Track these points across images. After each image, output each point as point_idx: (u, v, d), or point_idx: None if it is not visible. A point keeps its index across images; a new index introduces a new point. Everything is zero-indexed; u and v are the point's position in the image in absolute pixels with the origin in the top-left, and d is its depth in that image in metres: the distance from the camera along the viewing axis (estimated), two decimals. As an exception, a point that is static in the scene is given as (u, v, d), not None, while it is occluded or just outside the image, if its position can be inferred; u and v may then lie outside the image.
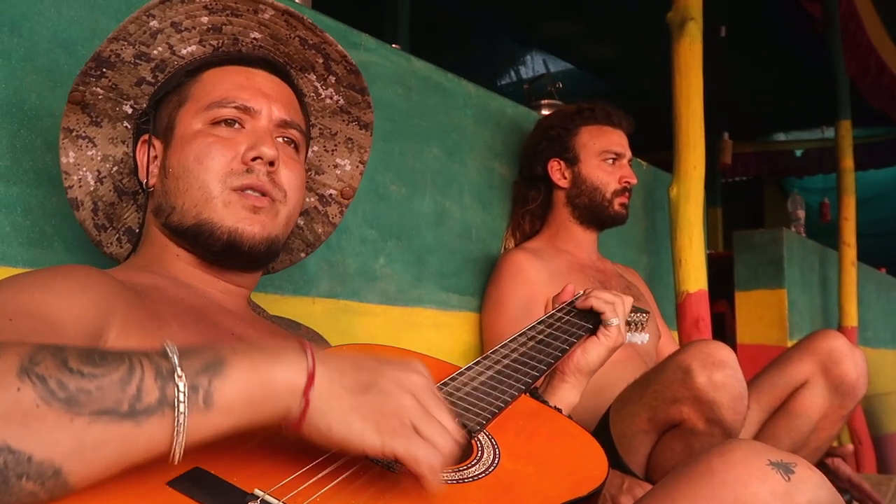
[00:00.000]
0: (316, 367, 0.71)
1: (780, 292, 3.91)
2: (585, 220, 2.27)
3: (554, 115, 2.40)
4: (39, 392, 0.61)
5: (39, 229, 1.33)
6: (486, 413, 0.94)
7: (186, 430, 0.65)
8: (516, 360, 1.10)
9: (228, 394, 0.67)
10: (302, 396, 0.69)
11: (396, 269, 2.02)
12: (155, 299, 1.03)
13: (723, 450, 0.93)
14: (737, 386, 1.57)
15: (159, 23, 1.12)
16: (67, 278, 0.94)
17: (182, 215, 1.10)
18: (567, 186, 2.27)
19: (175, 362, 0.66)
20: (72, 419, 0.61)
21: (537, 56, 6.52)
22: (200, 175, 1.08)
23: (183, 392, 0.65)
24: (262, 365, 0.69)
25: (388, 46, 2.09)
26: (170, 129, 1.13)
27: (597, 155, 2.25)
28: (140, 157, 1.16)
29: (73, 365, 0.63)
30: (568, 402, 1.24)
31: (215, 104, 1.11)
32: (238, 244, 1.08)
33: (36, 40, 1.34)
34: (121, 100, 1.16)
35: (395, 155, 2.05)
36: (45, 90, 1.34)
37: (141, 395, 0.64)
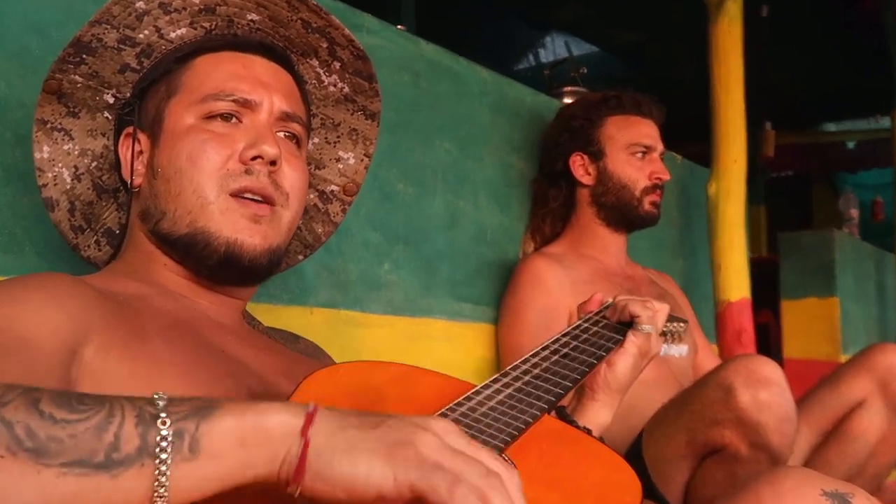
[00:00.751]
0: (318, 409, 0.68)
1: (831, 301, 3.90)
2: (612, 221, 2.26)
3: (576, 103, 2.39)
4: (4, 440, 0.60)
5: (9, 232, 1.33)
6: (505, 435, 0.94)
7: (169, 482, 0.62)
8: (538, 376, 1.10)
9: (217, 436, 0.64)
10: (300, 436, 0.65)
11: (403, 276, 2.03)
12: (139, 311, 1.02)
13: (771, 478, 0.92)
14: (784, 406, 1.57)
15: (146, 3, 1.11)
16: (40, 289, 0.93)
17: (173, 223, 1.08)
18: (591, 183, 2.25)
19: (160, 406, 0.64)
20: (39, 471, 0.60)
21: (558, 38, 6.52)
22: (194, 177, 1.07)
23: (166, 439, 0.63)
24: (258, 407, 0.67)
25: (394, 28, 2.10)
26: (158, 122, 1.13)
27: (624, 148, 2.23)
28: (123, 153, 1.15)
29: (44, 408, 0.62)
30: (599, 423, 1.23)
31: (210, 97, 1.10)
32: (237, 257, 1.07)
33: (5, 23, 1.34)
34: (102, 88, 1.16)
35: (402, 149, 2.06)
36: (14, 78, 1.35)
37: (119, 444, 0.62)
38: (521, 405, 1.01)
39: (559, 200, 2.32)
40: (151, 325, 1.01)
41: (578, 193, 2.29)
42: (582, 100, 2.39)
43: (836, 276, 3.92)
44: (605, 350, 1.21)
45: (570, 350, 1.19)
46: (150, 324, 1.01)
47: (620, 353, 1.23)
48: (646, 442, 1.74)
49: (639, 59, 6.37)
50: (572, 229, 2.31)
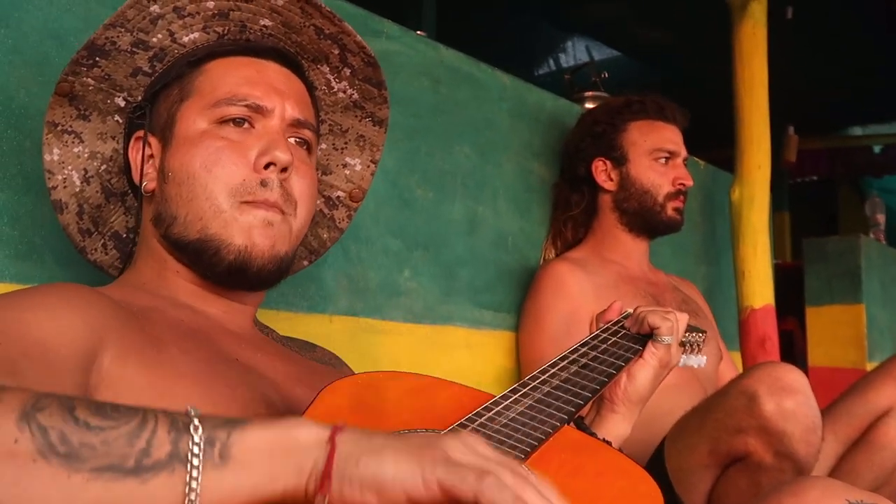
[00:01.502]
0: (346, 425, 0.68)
1: (857, 308, 3.87)
2: (635, 226, 2.26)
3: (598, 108, 2.38)
4: (38, 444, 0.61)
5: (28, 240, 1.34)
6: (525, 446, 0.93)
7: (200, 489, 0.63)
8: (558, 386, 1.09)
9: (248, 446, 0.65)
10: (327, 443, 0.66)
11: (423, 283, 2.03)
12: (154, 322, 1.03)
13: (795, 489, 0.92)
14: (809, 415, 1.56)
15: (160, 7, 1.12)
16: (59, 297, 0.94)
17: (184, 227, 1.10)
18: (613, 189, 2.26)
19: (192, 414, 0.65)
20: (69, 476, 0.61)
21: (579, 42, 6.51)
22: (209, 184, 1.08)
23: (198, 444, 0.63)
24: (287, 422, 0.68)
25: (414, 34, 2.10)
26: (169, 126, 1.13)
27: (648, 154, 2.24)
28: (133, 156, 1.16)
29: (79, 415, 0.63)
30: (618, 434, 1.23)
31: (223, 101, 1.11)
32: (247, 264, 1.08)
33: (25, 31, 1.36)
34: (113, 91, 1.16)
35: (422, 155, 2.06)
36: (34, 86, 1.36)
37: (150, 450, 0.63)
38: (540, 416, 1.00)
39: (581, 206, 2.32)
40: (166, 334, 1.02)
41: (601, 199, 2.29)
42: (604, 105, 2.39)
43: (862, 283, 3.89)
44: (623, 360, 1.21)
45: (590, 360, 1.18)
46: (165, 333, 1.02)
47: (640, 365, 1.23)
48: (668, 451, 1.73)
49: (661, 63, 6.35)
50: (594, 234, 2.31)
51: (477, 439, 0.69)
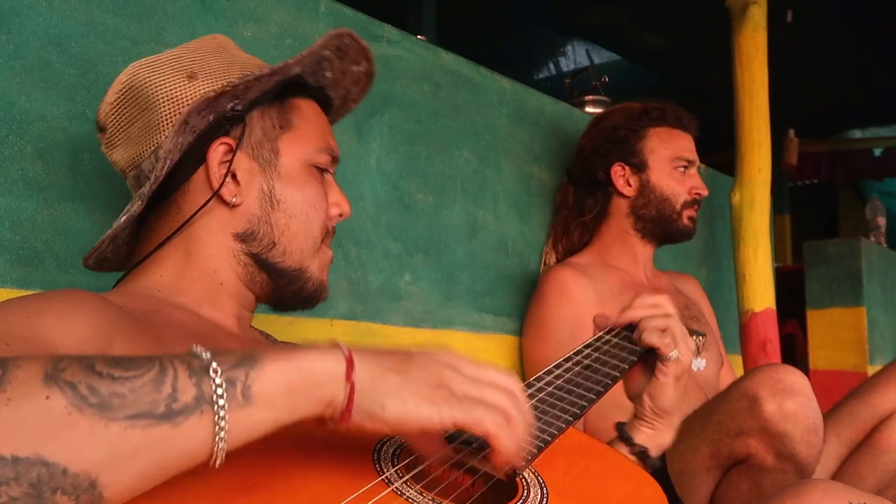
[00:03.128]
0: (353, 353, 0.75)
1: (858, 311, 3.87)
2: (648, 233, 2.26)
3: (617, 113, 2.35)
4: (70, 398, 0.63)
5: (29, 246, 1.34)
6: (532, 447, 0.94)
7: (227, 426, 0.67)
8: (562, 388, 1.10)
9: (268, 384, 0.70)
10: (346, 381, 0.73)
11: (423, 287, 2.03)
12: (158, 324, 1.04)
13: (797, 491, 0.92)
14: (811, 416, 1.56)
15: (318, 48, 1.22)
16: (66, 302, 0.95)
17: (283, 255, 1.18)
18: (632, 195, 2.25)
19: (207, 357, 0.69)
20: (106, 425, 0.63)
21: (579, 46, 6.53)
22: (314, 223, 1.20)
23: (220, 386, 0.67)
24: (298, 356, 0.73)
25: (414, 38, 2.10)
26: (270, 152, 1.17)
27: (668, 162, 2.24)
28: (214, 159, 1.14)
29: (101, 369, 0.65)
30: (660, 443, 1.27)
31: (324, 148, 1.21)
32: (319, 296, 1.23)
33: (26, 37, 1.36)
34: (238, 98, 1.15)
35: (422, 159, 2.06)
36: (35, 91, 1.36)
37: (176, 395, 0.66)
38: (546, 417, 1.01)
39: (595, 210, 2.31)
40: (171, 335, 1.04)
41: (614, 204, 2.28)
42: (623, 109, 2.35)
43: (862, 286, 3.89)
44: (627, 363, 1.21)
45: (593, 362, 1.19)
46: (169, 334, 1.04)
47: (658, 387, 1.24)
48: (670, 454, 1.73)
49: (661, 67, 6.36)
50: (602, 239, 2.30)
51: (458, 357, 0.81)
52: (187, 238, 1.16)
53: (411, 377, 0.76)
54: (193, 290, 1.15)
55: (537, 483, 0.89)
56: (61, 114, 1.38)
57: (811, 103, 6.31)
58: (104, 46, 1.45)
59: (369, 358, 0.76)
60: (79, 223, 1.38)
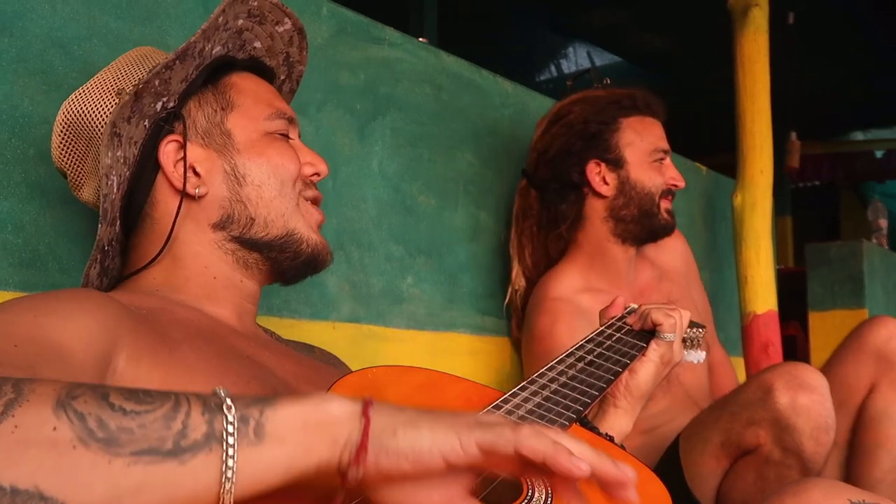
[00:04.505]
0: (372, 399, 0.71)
1: (860, 313, 3.86)
2: (629, 236, 2.07)
3: (580, 104, 2.12)
4: (77, 431, 0.62)
5: (32, 249, 1.34)
6: None
7: (236, 466, 0.65)
8: (565, 384, 1.10)
9: (281, 421, 0.67)
10: (361, 416, 0.69)
11: (426, 290, 2.03)
12: (164, 322, 1.05)
13: (797, 489, 0.93)
14: (823, 414, 1.56)
15: (223, 18, 1.19)
16: (74, 302, 0.95)
17: (266, 226, 1.17)
18: (610, 195, 2.05)
19: (223, 395, 0.67)
20: (110, 461, 0.62)
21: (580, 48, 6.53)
22: (285, 184, 1.18)
23: (232, 424, 0.65)
24: (315, 398, 0.70)
25: (415, 41, 2.11)
26: (223, 134, 1.18)
27: (647, 154, 2.06)
28: (166, 160, 1.15)
29: (114, 401, 0.64)
30: (620, 430, 1.25)
31: (274, 114, 1.21)
32: (322, 258, 1.22)
33: (29, 40, 1.36)
34: (162, 95, 1.15)
35: (424, 162, 2.06)
36: (38, 94, 1.36)
37: (186, 431, 0.64)
38: (549, 414, 1.01)
39: (570, 218, 2.10)
40: (177, 333, 1.04)
41: (589, 207, 2.08)
42: (585, 99, 2.13)
43: (864, 288, 3.89)
44: (629, 357, 1.22)
45: (595, 357, 1.19)
46: (175, 333, 1.04)
47: (643, 361, 1.26)
48: (682, 447, 1.73)
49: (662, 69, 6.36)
50: (581, 250, 2.10)
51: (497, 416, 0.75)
52: (171, 244, 1.17)
53: (431, 413, 0.71)
54: (189, 287, 1.16)
55: (542, 482, 0.89)
56: (64, 117, 1.38)
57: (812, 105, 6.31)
58: (107, 49, 1.45)
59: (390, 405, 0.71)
60: (81, 226, 1.38)
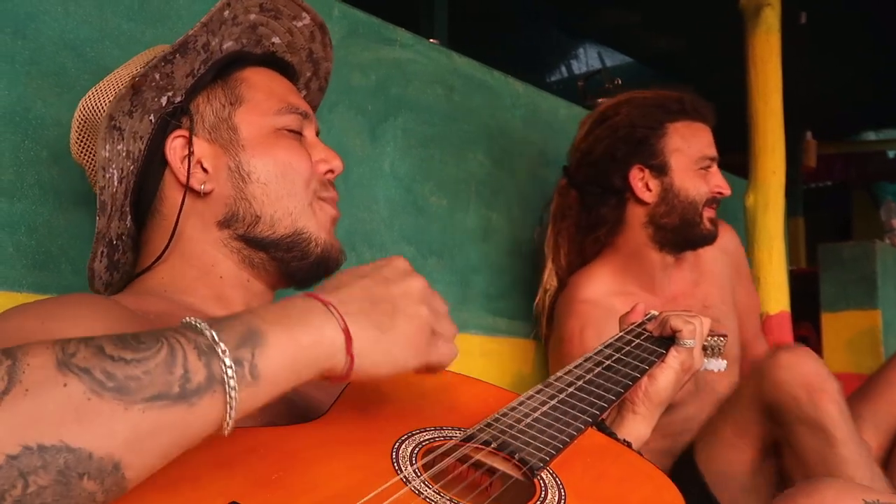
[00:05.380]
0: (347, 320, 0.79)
1: (873, 313, 3.85)
2: (667, 243, 2.02)
3: (627, 107, 2.05)
4: (87, 384, 0.63)
5: (45, 250, 1.35)
6: (550, 448, 0.94)
7: (237, 403, 0.70)
8: (582, 388, 1.09)
9: (273, 365, 0.73)
10: (346, 354, 0.78)
11: (437, 291, 2.01)
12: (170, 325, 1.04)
13: (810, 490, 0.94)
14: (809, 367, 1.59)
15: (229, 12, 1.18)
16: (80, 306, 0.96)
17: (272, 224, 1.16)
18: (652, 201, 1.99)
19: (212, 337, 0.70)
20: (126, 408, 0.64)
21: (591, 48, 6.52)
22: (295, 183, 1.16)
23: (230, 367, 0.69)
24: (297, 332, 0.76)
25: (427, 42, 2.11)
26: (230, 130, 1.17)
27: (693, 162, 1.99)
28: (173, 156, 1.15)
29: (111, 352, 0.66)
30: (638, 436, 1.24)
31: (284, 109, 1.19)
32: (333, 259, 1.20)
33: (42, 42, 1.36)
34: (167, 90, 1.16)
35: (436, 162, 2.06)
36: (51, 96, 1.37)
37: (189, 375, 0.68)
38: (565, 418, 1.01)
39: (611, 221, 2.05)
40: None
41: (630, 212, 2.02)
42: (632, 101, 2.06)
43: (877, 288, 3.87)
44: (647, 364, 1.21)
45: (614, 363, 1.18)
46: None
47: (662, 368, 1.24)
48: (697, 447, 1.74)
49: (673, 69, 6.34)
50: (617, 254, 2.06)
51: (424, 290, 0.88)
52: (179, 242, 1.17)
53: (396, 332, 0.82)
54: (197, 288, 1.15)
55: (555, 484, 0.89)
56: (77, 119, 1.39)
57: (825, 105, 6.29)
58: (119, 51, 1.45)
59: (360, 319, 0.80)
60: (94, 228, 1.38)
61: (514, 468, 0.90)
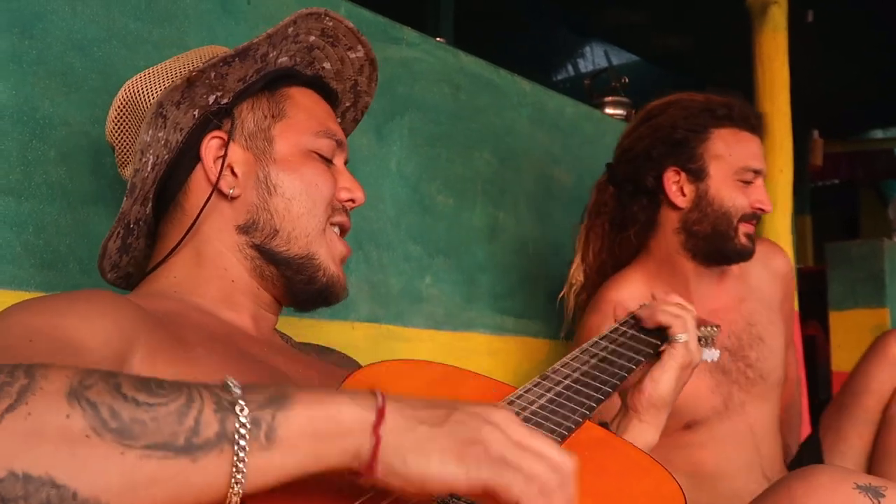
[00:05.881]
0: (386, 402, 0.71)
1: (881, 312, 3.84)
2: (700, 253, 1.92)
3: (674, 107, 1.97)
4: (90, 420, 0.62)
5: (53, 249, 1.35)
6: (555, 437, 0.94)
7: (246, 469, 0.65)
8: (578, 380, 1.10)
9: (293, 428, 0.67)
10: (372, 433, 0.69)
11: (444, 290, 2.03)
12: (179, 325, 1.05)
13: (804, 474, 0.95)
14: None
15: (293, 30, 1.20)
16: (90, 302, 0.96)
17: (288, 242, 1.16)
18: (685, 206, 1.90)
19: (237, 394, 0.67)
20: (123, 452, 0.62)
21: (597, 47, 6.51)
22: (317, 205, 1.17)
23: (245, 426, 0.65)
24: (328, 400, 0.70)
25: (433, 41, 2.11)
26: (266, 140, 1.18)
27: (733, 172, 1.90)
28: (207, 154, 1.16)
29: (126, 392, 0.65)
30: (645, 443, 1.21)
31: (322, 133, 1.20)
32: (336, 293, 1.21)
33: (49, 42, 1.37)
34: (217, 89, 1.17)
35: (442, 162, 2.06)
36: (58, 96, 1.37)
37: (199, 429, 0.65)
38: (563, 410, 1.01)
39: (641, 221, 1.98)
40: (192, 336, 1.04)
41: (663, 215, 1.94)
42: (681, 102, 1.98)
43: (885, 286, 3.86)
44: (642, 355, 1.20)
45: (608, 354, 1.18)
46: (191, 335, 1.04)
47: (661, 369, 1.20)
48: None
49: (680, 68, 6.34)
50: (650, 258, 1.98)
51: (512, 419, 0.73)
52: (196, 238, 1.17)
53: (444, 430, 0.71)
54: (208, 289, 1.16)
55: None
56: (84, 118, 1.39)
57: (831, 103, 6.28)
58: (126, 51, 1.45)
59: (404, 410, 0.71)
60: (102, 227, 1.39)
61: None
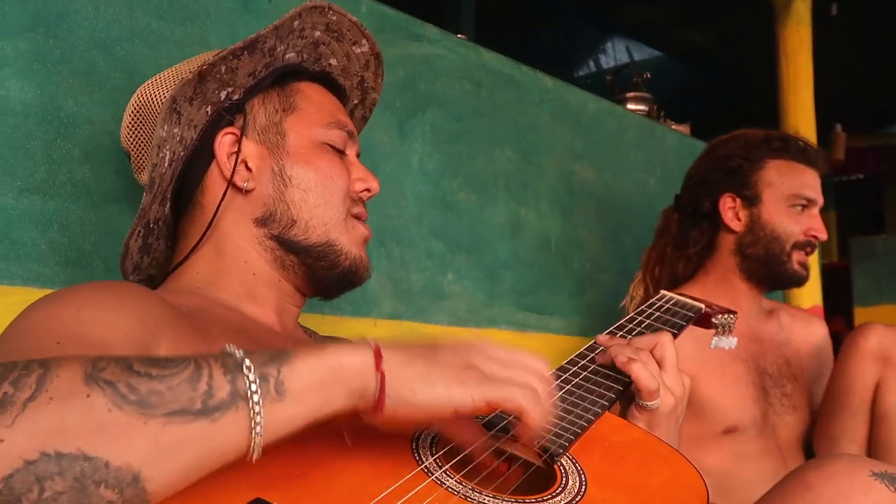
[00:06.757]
0: (381, 345, 0.77)
1: (907, 307, 3.81)
2: (754, 275, 2.04)
3: (734, 140, 2.13)
4: (110, 396, 0.65)
5: (77, 247, 1.36)
6: (570, 434, 0.94)
7: (263, 421, 0.70)
8: (598, 371, 1.10)
9: (299, 379, 0.73)
10: (375, 371, 0.76)
11: (466, 287, 2.02)
12: (203, 319, 1.06)
13: (820, 463, 0.94)
14: None
15: (299, 23, 1.21)
16: (114, 294, 0.97)
17: (306, 231, 1.18)
18: (740, 230, 2.04)
19: (240, 355, 0.71)
20: (146, 422, 0.66)
21: (619, 43, 6.50)
22: (333, 195, 1.19)
23: (254, 382, 0.70)
24: (327, 351, 0.76)
25: (455, 37, 2.10)
26: (278, 134, 1.19)
27: (784, 198, 2.02)
28: (220, 150, 1.17)
29: (138, 368, 0.68)
30: None
31: (333, 124, 1.22)
32: (360, 275, 1.22)
33: (73, 41, 1.37)
34: (228, 84, 1.18)
35: (464, 158, 2.06)
36: (82, 95, 1.38)
37: (212, 391, 0.69)
38: (583, 402, 1.02)
39: (700, 244, 2.11)
40: (216, 330, 1.05)
41: (721, 238, 2.08)
42: (741, 137, 2.13)
43: (911, 282, 3.83)
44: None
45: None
46: (214, 329, 1.05)
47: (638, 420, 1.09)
48: None
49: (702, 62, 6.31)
50: (708, 276, 2.10)
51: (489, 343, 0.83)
52: (215, 234, 1.18)
53: (440, 361, 0.79)
54: (230, 284, 1.17)
55: (575, 470, 0.89)
56: (108, 117, 1.40)
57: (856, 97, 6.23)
58: (149, 50, 1.46)
59: (397, 349, 0.78)
60: (125, 225, 1.40)
61: (534, 455, 0.91)
